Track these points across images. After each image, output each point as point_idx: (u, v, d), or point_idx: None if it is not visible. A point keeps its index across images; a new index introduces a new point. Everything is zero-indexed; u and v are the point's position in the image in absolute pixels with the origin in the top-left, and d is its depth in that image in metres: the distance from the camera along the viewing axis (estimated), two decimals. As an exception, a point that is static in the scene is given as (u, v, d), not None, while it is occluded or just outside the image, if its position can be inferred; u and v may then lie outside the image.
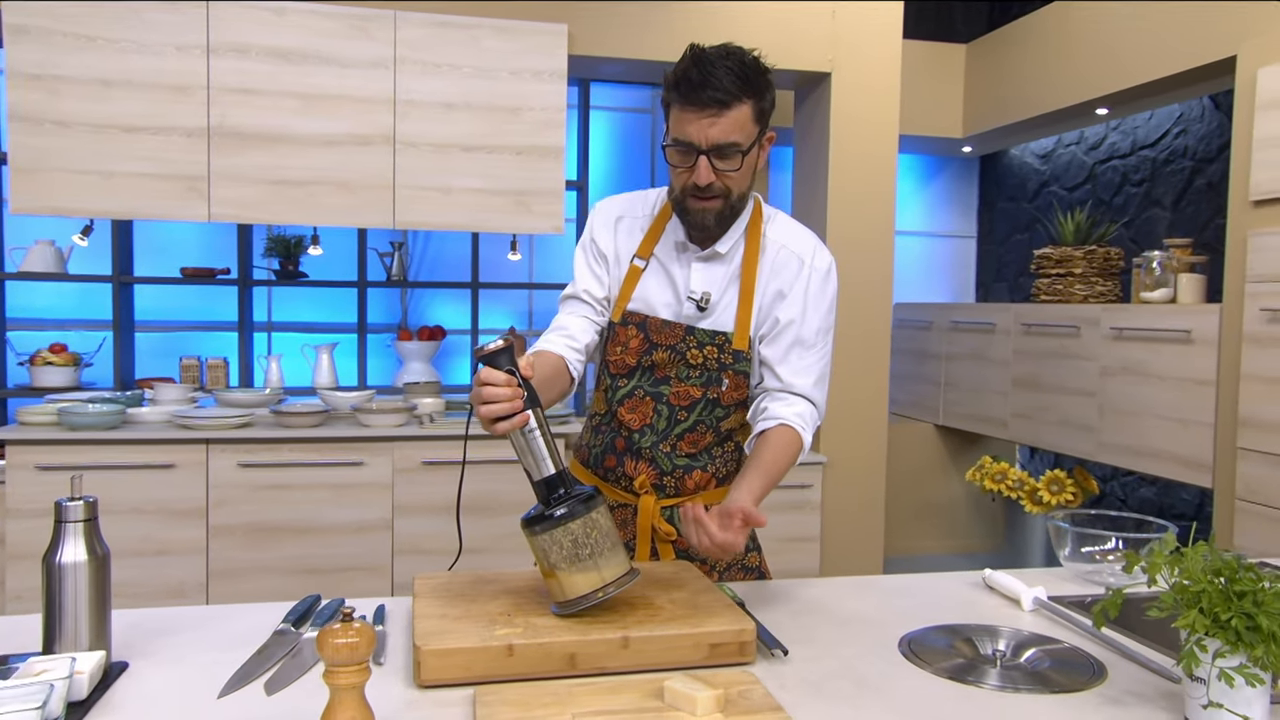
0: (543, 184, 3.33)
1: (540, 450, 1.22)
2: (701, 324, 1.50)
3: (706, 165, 1.40)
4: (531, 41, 3.29)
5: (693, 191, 1.43)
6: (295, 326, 4.31)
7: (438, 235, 4.26)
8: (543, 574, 1.22)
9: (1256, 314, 2.93)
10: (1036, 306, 4.15)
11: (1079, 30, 4.01)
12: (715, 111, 1.36)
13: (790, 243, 1.53)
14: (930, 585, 1.57)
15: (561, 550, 1.18)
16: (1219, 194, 3.92)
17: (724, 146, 1.39)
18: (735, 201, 1.46)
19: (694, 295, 1.49)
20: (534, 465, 1.23)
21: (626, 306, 1.52)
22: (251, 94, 3.11)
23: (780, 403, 1.48)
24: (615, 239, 1.55)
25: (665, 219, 1.55)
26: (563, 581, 1.19)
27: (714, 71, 1.35)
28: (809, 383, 1.50)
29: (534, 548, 1.21)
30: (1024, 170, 5.18)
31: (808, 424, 1.48)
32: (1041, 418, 4.07)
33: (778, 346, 1.49)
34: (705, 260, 1.51)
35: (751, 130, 1.41)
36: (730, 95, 1.36)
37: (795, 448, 1.45)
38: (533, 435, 1.21)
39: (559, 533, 1.18)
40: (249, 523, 3.05)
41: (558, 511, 1.19)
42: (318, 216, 3.20)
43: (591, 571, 1.18)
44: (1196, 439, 3.23)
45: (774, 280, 1.50)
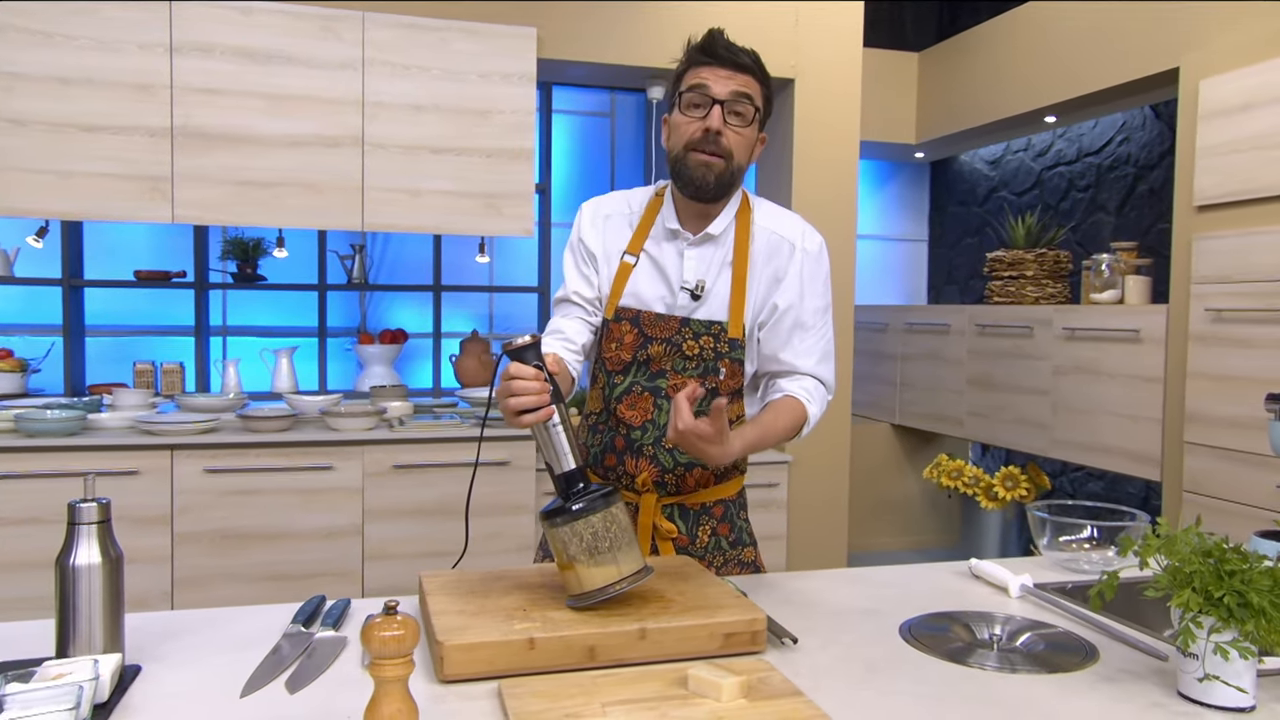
0: (512, 186, 3.34)
1: (563, 445, 1.24)
2: (696, 314, 1.53)
3: (720, 112, 1.46)
4: (500, 44, 3.29)
5: (699, 144, 1.47)
6: (252, 331, 4.25)
7: (397, 238, 4.23)
8: (560, 566, 1.24)
9: (1202, 314, 3.07)
10: (990, 308, 4.28)
11: (1028, 40, 4.15)
12: (735, 69, 1.47)
13: (779, 228, 1.57)
14: (919, 576, 1.62)
15: (581, 543, 1.21)
16: (1161, 199, 4.09)
17: (740, 97, 1.47)
18: (734, 169, 1.50)
19: (688, 285, 1.52)
20: (556, 459, 1.25)
21: (619, 303, 1.54)
22: (216, 94, 3.06)
23: (787, 379, 1.55)
24: (604, 237, 1.58)
25: (654, 212, 1.58)
26: (580, 574, 1.21)
27: (734, 44, 1.48)
28: (812, 362, 1.56)
29: (553, 540, 1.23)
30: (974, 175, 5.33)
31: (813, 397, 1.54)
32: (996, 416, 4.20)
33: (779, 332, 1.54)
34: (698, 245, 1.54)
35: (760, 103, 1.50)
36: (749, 64, 1.48)
37: (797, 413, 1.51)
38: (556, 430, 1.24)
39: (580, 525, 1.21)
40: (215, 529, 3.00)
41: (579, 505, 1.21)
42: (284, 218, 3.16)
43: (609, 565, 1.21)
44: (1145, 434, 3.37)
45: (767, 267, 1.54)
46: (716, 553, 1.60)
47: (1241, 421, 2.92)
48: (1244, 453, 2.91)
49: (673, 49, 3.72)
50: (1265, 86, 2.87)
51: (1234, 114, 2.97)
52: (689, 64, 1.50)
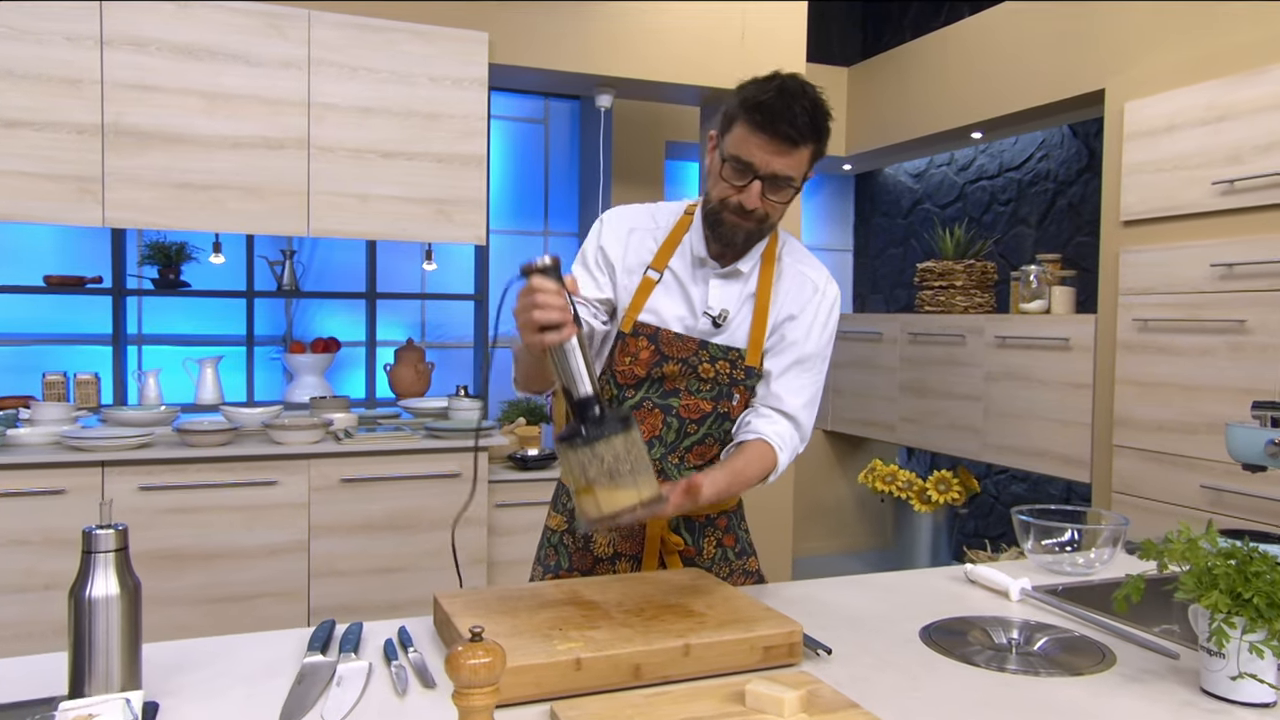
0: (464, 193, 3.27)
1: (581, 369, 1.21)
2: (715, 339, 1.52)
3: (759, 190, 1.41)
4: (451, 48, 3.23)
5: (734, 210, 1.44)
6: (173, 339, 4.04)
7: (325, 243, 4.09)
8: (577, 491, 1.21)
9: (1129, 323, 3.24)
10: (923, 317, 4.41)
11: (957, 59, 4.31)
12: (785, 147, 1.38)
13: (806, 268, 1.58)
14: (918, 581, 1.66)
15: (602, 465, 1.18)
16: (1079, 214, 4.30)
17: (781, 179, 1.41)
18: (768, 228, 1.50)
19: (711, 311, 1.52)
20: (574, 383, 1.21)
21: (638, 318, 1.52)
22: (151, 91, 2.90)
23: (764, 420, 1.51)
24: (625, 250, 1.56)
25: (681, 232, 1.56)
26: (599, 497, 1.18)
27: (794, 107, 1.36)
28: (800, 402, 1.53)
29: (571, 463, 1.20)
30: (898, 188, 5.50)
31: (785, 445, 1.50)
32: (929, 421, 4.33)
33: (780, 360, 1.53)
34: (724, 278, 1.54)
35: (805, 171, 1.44)
36: (801, 136, 1.38)
37: (767, 462, 1.47)
38: (575, 353, 1.20)
39: (601, 447, 1.18)
40: (151, 550, 2.84)
41: (600, 429, 1.18)
42: (224, 223, 3.02)
43: (629, 488, 1.19)
44: (1076, 438, 3.53)
45: (788, 303, 1.54)
46: (723, 564, 1.60)
47: (1168, 425, 3.09)
48: (1170, 455, 3.08)
49: (621, 57, 3.72)
50: (1187, 110, 3.05)
51: (1158, 135, 3.15)
52: (741, 114, 1.40)
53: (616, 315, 1.55)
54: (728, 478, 1.40)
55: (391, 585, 3.09)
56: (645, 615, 1.26)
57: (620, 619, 1.25)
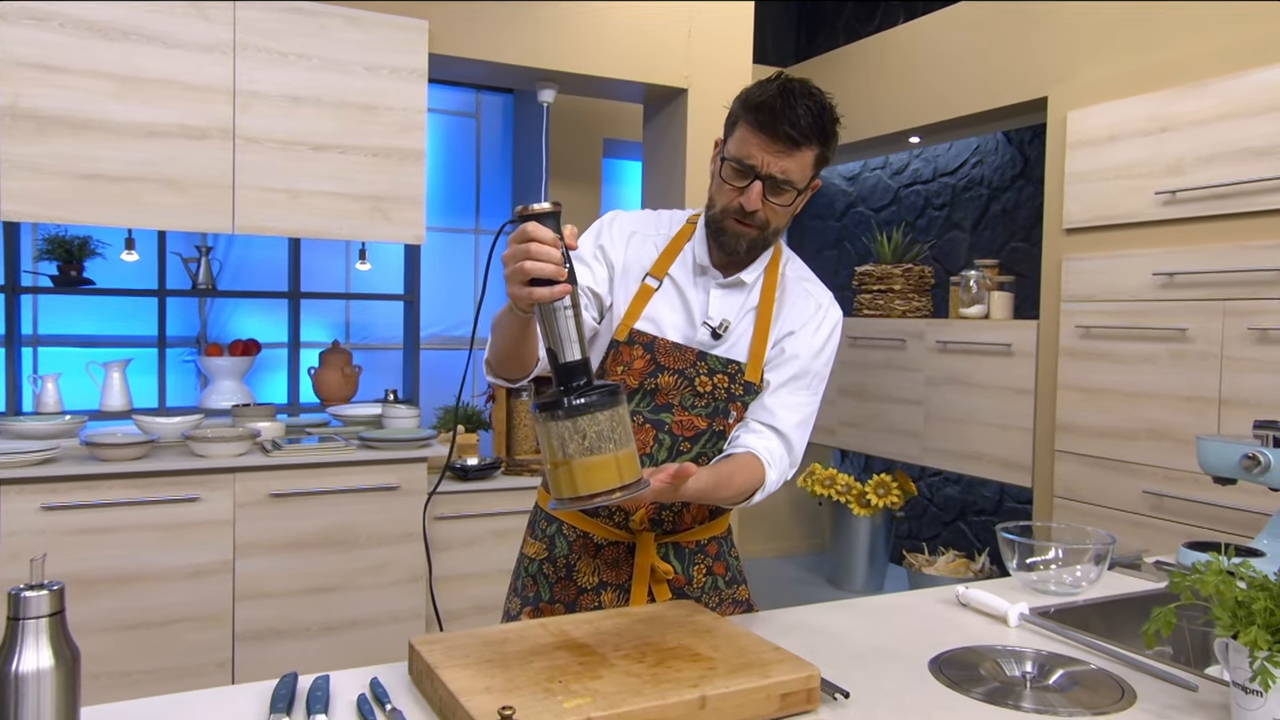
0: (402, 189, 3.09)
1: (571, 331, 1.09)
2: (714, 351, 1.43)
3: (759, 191, 1.35)
4: (389, 36, 3.05)
5: (736, 214, 1.37)
6: (73, 341, 3.75)
7: (242, 240, 3.85)
8: (551, 465, 1.09)
9: (1071, 330, 3.28)
10: (863, 320, 4.41)
11: (897, 63, 4.32)
12: (786, 147, 1.33)
13: (810, 287, 1.51)
14: (909, 606, 1.59)
15: (583, 441, 1.07)
16: (1013, 220, 4.36)
17: (781, 182, 1.35)
18: (771, 235, 1.42)
19: (711, 322, 1.43)
20: (561, 346, 1.10)
21: (634, 325, 1.42)
22: (54, 71, 2.64)
23: (754, 434, 1.42)
24: (625, 252, 1.46)
25: (683, 240, 1.47)
26: (576, 474, 1.07)
27: (796, 107, 1.31)
28: (794, 420, 1.44)
29: (550, 435, 1.08)
30: (832, 191, 5.51)
31: (774, 461, 1.40)
32: (868, 425, 4.34)
33: (777, 375, 1.45)
34: (726, 288, 1.45)
35: (809, 174, 1.38)
36: (804, 137, 1.32)
37: (755, 475, 1.38)
38: (567, 313, 1.09)
39: (584, 421, 1.06)
40: (58, 575, 2.58)
41: (585, 399, 1.07)
42: (139, 218, 2.78)
43: (610, 469, 1.08)
44: (1017, 442, 3.56)
45: (791, 317, 1.47)
46: (713, 593, 1.51)
47: (1109, 431, 3.13)
48: (1112, 460, 3.12)
49: (566, 50, 3.59)
50: (1129, 120, 3.09)
51: (1100, 145, 3.19)
52: (743, 115, 1.35)
53: (609, 319, 1.45)
54: (713, 478, 1.29)
55: (324, 606, 2.90)
56: (649, 661, 1.16)
57: (623, 667, 1.14)
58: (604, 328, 1.46)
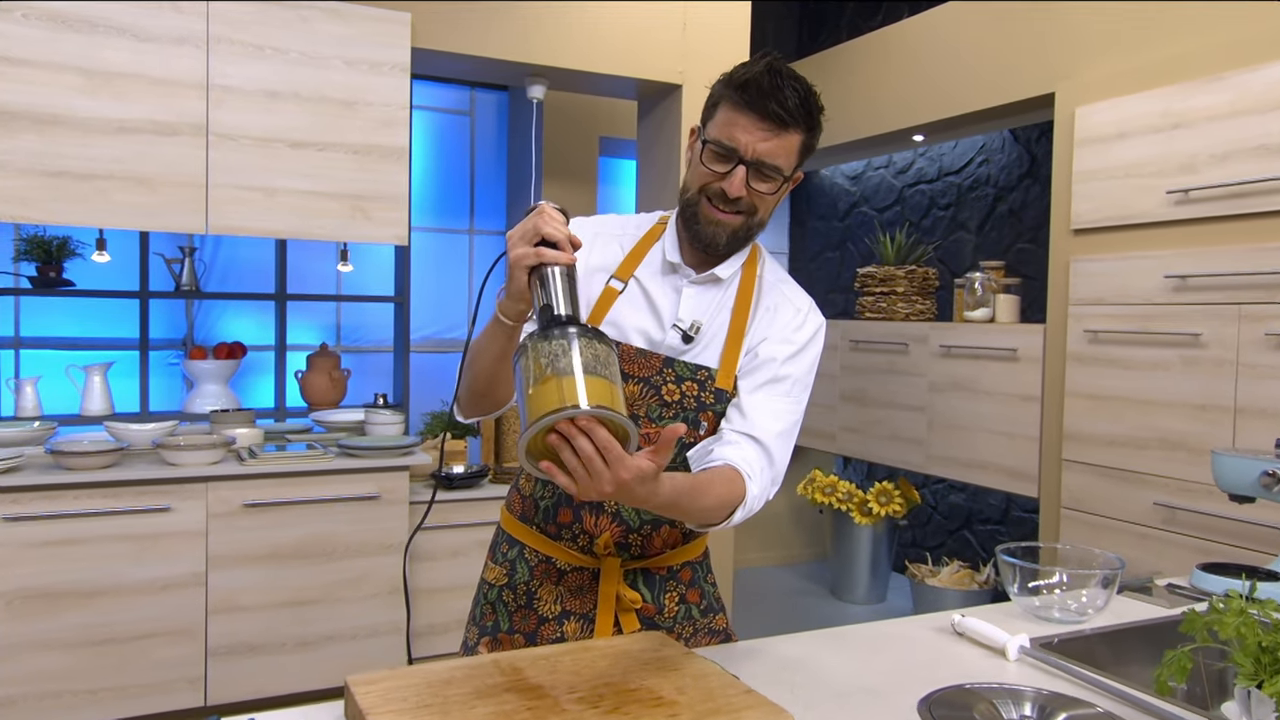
0: (383, 188, 2.99)
1: (568, 294, 1.07)
2: (683, 356, 1.32)
3: (743, 177, 1.24)
4: (370, 29, 2.94)
5: (717, 198, 1.26)
6: (54, 343, 3.65)
7: (229, 240, 3.75)
8: (537, 383, 0.96)
9: (1079, 334, 3.15)
10: (865, 324, 4.29)
11: (899, 59, 4.20)
12: (772, 128, 1.23)
13: (789, 291, 1.40)
14: (899, 636, 1.48)
15: (579, 357, 0.97)
16: (1020, 220, 4.23)
17: (766, 166, 1.24)
18: (754, 226, 1.31)
19: (681, 324, 1.31)
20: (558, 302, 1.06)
21: None
22: (18, 64, 2.54)
23: (730, 446, 1.28)
24: (589, 253, 1.35)
25: (652, 240, 1.37)
26: (565, 388, 0.94)
27: (783, 87, 1.22)
28: (774, 428, 1.31)
29: (537, 355, 0.97)
30: (835, 190, 5.39)
31: (755, 474, 1.27)
32: (871, 431, 4.21)
33: (752, 380, 1.33)
34: (700, 285, 1.34)
35: (794, 161, 1.28)
36: (791, 118, 1.23)
37: (735, 489, 1.24)
38: (566, 280, 1.08)
39: (581, 342, 0.98)
40: (20, 589, 2.49)
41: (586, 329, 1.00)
42: (108, 217, 2.68)
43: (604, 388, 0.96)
44: (1023, 451, 3.44)
45: (765, 324, 1.35)
46: (686, 622, 1.40)
47: (1119, 440, 3.01)
48: (1121, 470, 3.00)
49: (555, 46, 3.49)
50: (1140, 117, 2.97)
51: (1110, 142, 3.06)
52: (725, 96, 1.26)
53: None
54: (690, 482, 1.16)
55: (301, 620, 2.80)
56: (605, 707, 1.05)
57: (575, 713, 1.03)
58: None
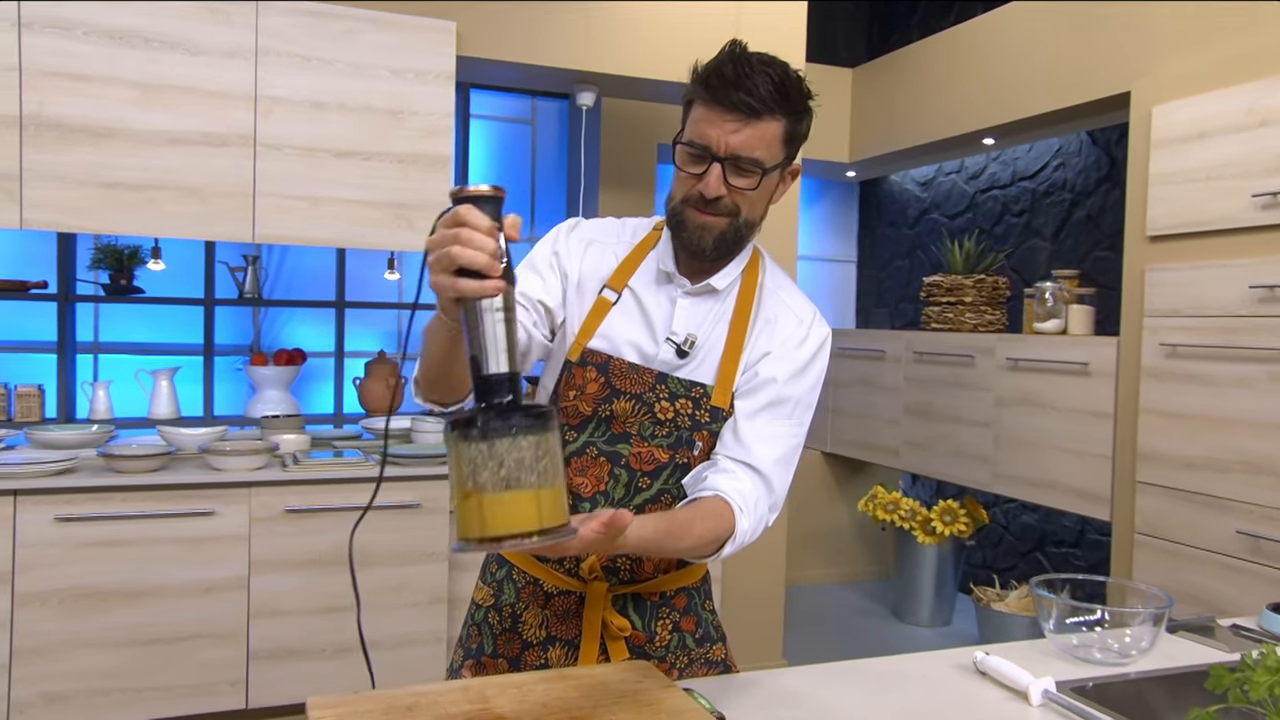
0: (427, 196, 3.00)
1: (500, 339, 0.91)
2: (677, 372, 1.25)
3: (719, 175, 1.17)
4: (415, 38, 2.95)
5: (696, 203, 1.19)
6: (127, 348, 3.78)
7: (295, 249, 3.83)
8: (460, 495, 0.91)
9: (1155, 348, 2.95)
10: (929, 335, 4.13)
11: (969, 60, 4.03)
12: (742, 118, 1.15)
13: (791, 300, 1.31)
14: (916, 671, 1.37)
15: (498, 470, 0.88)
16: (1098, 227, 4.01)
17: (743, 160, 1.16)
18: (743, 227, 1.22)
19: (675, 337, 1.25)
20: (486, 355, 0.91)
21: (588, 344, 1.25)
22: (78, 80, 2.63)
23: (724, 475, 1.21)
24: (582, 262, 1.29)
25: (647, 248, 1.30)
26: (486, 510, 0.88)
27: (751, 74, 1.14)
28: (772, 455, 1.24)
29: (459, 459, 0.90)
30: (905, 196, 5.22)
31: (748, 507, 1.19)
32: (935, 447, 4.04)
33: (751, 402, 1.25)
34: (695, 296, 1.27)
35: (777, 152, 1.19)
36: (763, 105, 1.15)
37: (722, 524, 1.17)
38: (498, 316, 0.91)
39: (502, 446, 0.88)
40: (69, 588, 2.57)
41: (506, 420, 0.88)
42: (159, 226, 2.75)
43: (528, 508, 0.89)
44: (1094, 471, 3.24)
45: (766, 338, 1.27)
46: (680, 652, 1.32)
47: (1198, 462, 2.80)
48: (1201, 495, 2.79)
49: (603, 52, 3.45)
50: (1222, 115, 2.76)
51: (1189, 142, 2.86)
52: (695, 94, 1.19)
53: (562, 336, 1.28)
54: (664, 526, 1.09)
55: (339, 626, 2.81)
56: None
57: (531, 750, 0.97)
58: (557, 347, 1.29)
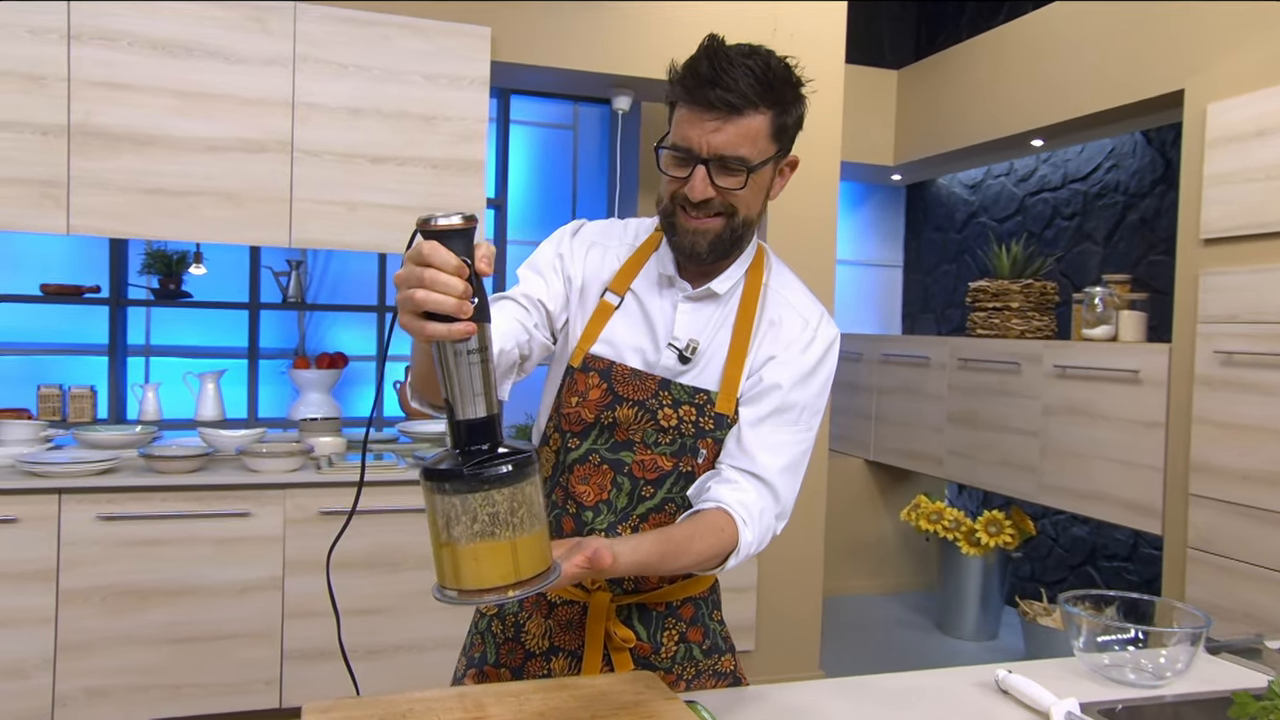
0: (461, 202, 3.01)
1: (474, 381, 0.87)
2: (680, 378, 1.22)
3: (703, 177, 1.13)
4: (450, 43, 2.97)
5: (684, 204, 1.16)
6: (176, 351, 3.87)
7: (340, 254, 3.88)
8: (434, 544, 0.88)
9: (1209, 355, 2.83)
10: (974, 341, 4.03)
11: (1016, 60, 3.93)
12: (723, 115, 1.11)
13: (796, 300, 1.27)
14: (934, 689, 1.32)
15: (472, 523, 0.85)
16: (1152, 230, 3.88)
17: (727, 159, 1.13)
18: (739, 226, 1.19)
19: (677, 343, 1.22)
20: (460, 400, 0.87)
21: (590, 349, 1.23)
22: (121, 89, 2.70)
23: (727, 485, 1.17)
24: (584, 265, 1.27)
25: (649, 250, 1.28)
26: (461, 563, 0.86)
27: (730, 69, 1.11)
28: (778, 464, 1.19)
29: (433, 509, 0.87)
30: (952, 200, 5.11)
31: (752, 519, 1.15)
32: (980, 456, 3.94)
33: (756, 409, 1.21)
34: (696, 300, 1.24)
35: (766, 147, 1.15)
36: (744, 100, 1.11)
37: (723, 538, 1.13)
38: (472, 358, 0.86)
39: (475, 500, 0.85)
40: (109, 585, 2.62)
41: (478, 471, 0.85)
42: (199, 231, 2.80)
43: (502, 559, 0.86)
44: (1145, 483, 3.12)
45: (771, 341, 1.24)
46: (687, 663, 1.29)
47: (1254, 475, 2.68)
48: (1257, 509, 2.67)
49: (639, 56, 3.44)
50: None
51: (1246, 140, 2.75)
52: (676, 95, 1.16)
53: (565, 341, 1.26)
54: (660, 547, 1.06)
55: (370, 628, 2.83)
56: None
57: (518, 762, 0.95)
58: (559, 351, 1.27)
